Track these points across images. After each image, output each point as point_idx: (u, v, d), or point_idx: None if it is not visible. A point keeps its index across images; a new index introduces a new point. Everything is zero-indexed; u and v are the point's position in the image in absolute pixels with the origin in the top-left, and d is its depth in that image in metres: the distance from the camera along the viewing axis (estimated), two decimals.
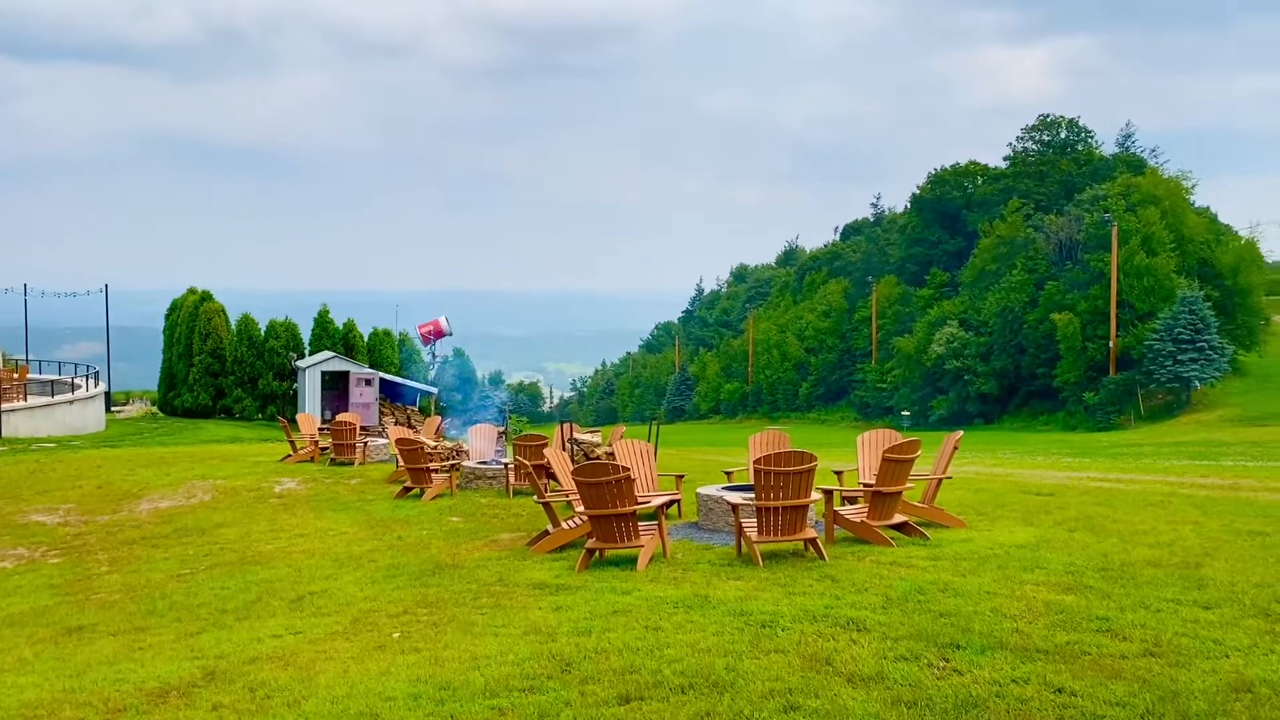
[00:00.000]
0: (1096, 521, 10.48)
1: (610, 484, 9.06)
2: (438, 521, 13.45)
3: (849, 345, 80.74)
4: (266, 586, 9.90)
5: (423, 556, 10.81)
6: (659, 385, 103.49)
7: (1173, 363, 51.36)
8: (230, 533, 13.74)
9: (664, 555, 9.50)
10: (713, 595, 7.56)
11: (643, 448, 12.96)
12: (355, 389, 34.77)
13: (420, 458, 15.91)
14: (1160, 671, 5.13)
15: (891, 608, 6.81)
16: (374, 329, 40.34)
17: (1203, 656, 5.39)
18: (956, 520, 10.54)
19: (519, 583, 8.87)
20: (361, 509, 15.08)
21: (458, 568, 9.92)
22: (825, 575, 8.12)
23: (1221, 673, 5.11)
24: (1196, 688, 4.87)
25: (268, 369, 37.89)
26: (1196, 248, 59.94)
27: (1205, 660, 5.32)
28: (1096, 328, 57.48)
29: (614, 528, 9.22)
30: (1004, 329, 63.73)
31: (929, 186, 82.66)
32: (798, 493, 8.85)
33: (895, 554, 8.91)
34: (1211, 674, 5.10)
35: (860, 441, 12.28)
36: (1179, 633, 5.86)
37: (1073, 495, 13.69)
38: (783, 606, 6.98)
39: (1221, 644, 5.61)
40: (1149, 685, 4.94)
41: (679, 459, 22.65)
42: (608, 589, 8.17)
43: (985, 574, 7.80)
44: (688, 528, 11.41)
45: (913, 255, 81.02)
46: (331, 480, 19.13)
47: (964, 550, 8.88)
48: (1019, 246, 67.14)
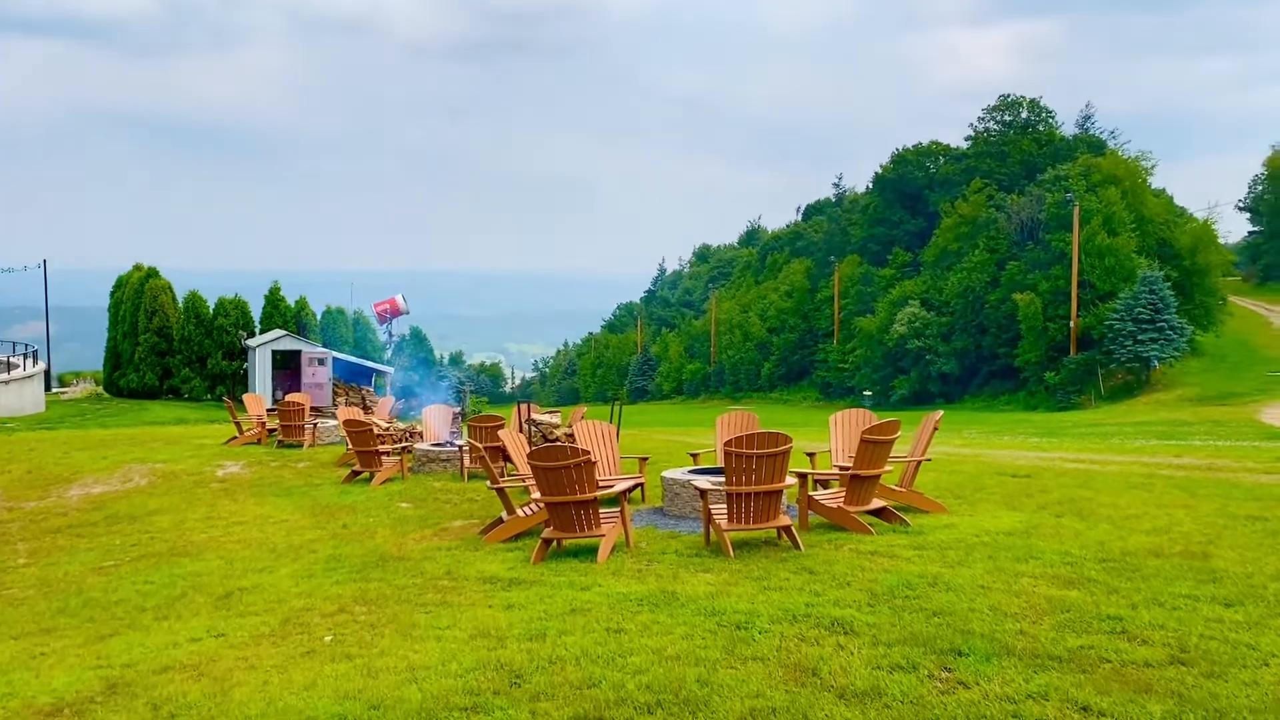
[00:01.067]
0: (1082, 505, 9.93)
1: (569, 468, 8.34)
2: (386, 508, 12.66)
3: (811, 325, 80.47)
4: (193, 581, 9.08)
5: (366, 547, 10.03)
6: (621, 366, 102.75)
7: (1133, 342, 51.50)
8: (163, 520, 12.85)
9: (627, 545, 8.80)
10: (681, 591, 6.87)
11: (604, 429, 12.25)
12: (308, 369, 33.66)
13: (369, 440, 15.09)
14: (1195, 684, 4.52)
15: (879, 605, 6.17)
16: (327, 307, 39.17)
17: (1238, 665, 4.78)
18: (937, 505, 9.94)
19: (468, 576, 8.14)
20: (306, 494, 14.24)
21: (403, 559, 9.16)
22: (802, 567, 7.46)
23: (1265, 684, 4.51)
24: (1242, 704, 4.27)
25: (217, 348, 36.62)
26: (1156, 228, 60.16)
27: (1242, 669, 4.72)
28: (1058, 307, 57.55)
29: (573, 516, 8.50)
30: (965, 309, 63.70)
31: (891, 166, 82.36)
32: (771, 477, 8.18)
33: (876, 542, 8.28)
34: (1254, 686, 4.50)
35: (833, 422, 11.66)
36: (1204, 635, 5.26)
37: (1051, 477, 13.19)
38: (759, 604, 6.31)
39: (1256, 649, 5.01)
40: (1187, 702, 4.31)
41: (642, 440, 21.96)
42: (565, 584, 7.46)
43: (976, 565, 7.19)
44: (652, 514, 10.73)
45: (875, 235, 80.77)
46: (278, 464, 18.24)
47: (949, 538, 8.27)
48: (981, 226, 67.07)
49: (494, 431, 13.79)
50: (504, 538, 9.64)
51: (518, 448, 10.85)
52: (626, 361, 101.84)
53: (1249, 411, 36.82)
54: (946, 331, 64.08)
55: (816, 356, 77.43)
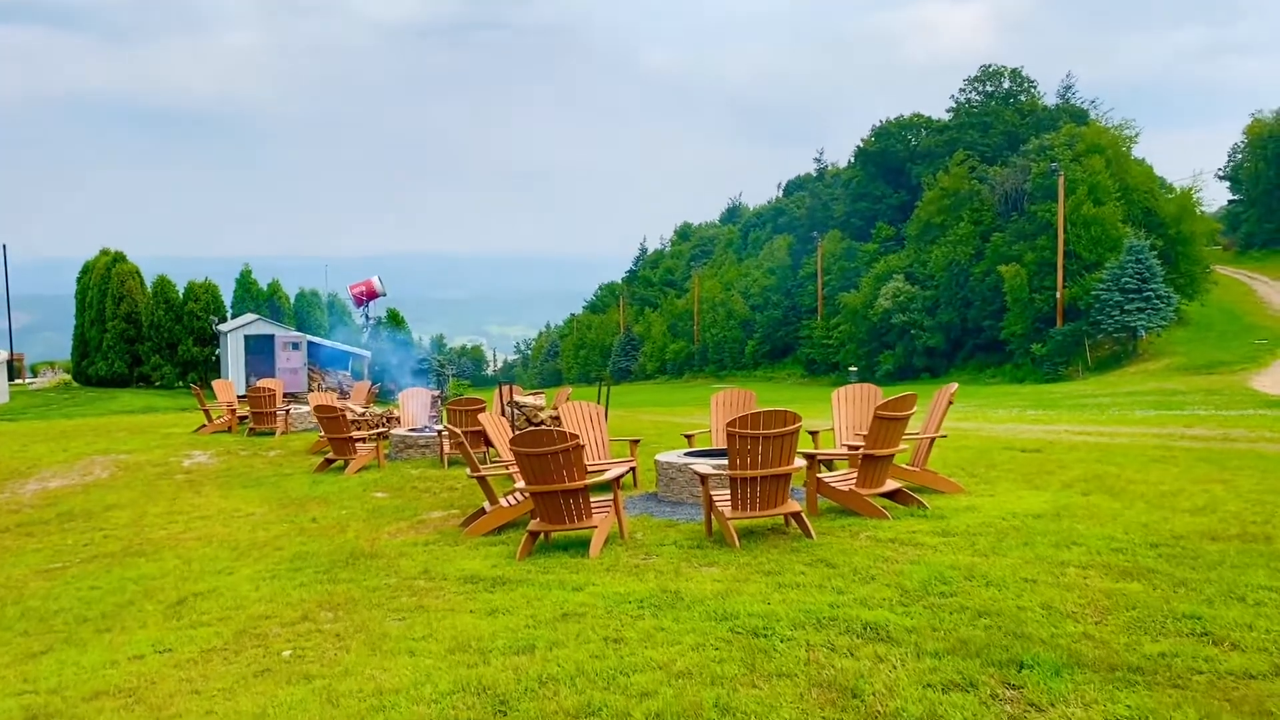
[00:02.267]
0: (1109, 482, 9.23)
1: (556, 454, 7.54)
2: (360, 499, 11.84)
3: (794, 302, 79.76)
4: (145, 585, 8.25)
5: (337, 542, 9.22)
6: (604, 346, 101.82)
7: (1120, 312, 51.06)
8: (121, 516, 11.99)
9: (621, 536, 8.03)
10: (685, 590, 6.10)
11: (592, 410, 11.46)
12: (282, 353, 32.70)
13: (342, 426, 14.24)
14: None
15: (912, 605, 5.42)
16: (301, 290, 38.04)
17: None
18: (953, 485, 9.22)
19: (448, 575, 7.35)
20: (276, 485, 13.40)
21: (376, 557, 8.36)
22: (817, 559, 6.71)
23: None
24: None
25: (187, 334, 35.50)
26: (1141, 197, 59.68)
27: None
28: (1043, 279, 57.03)
29: (561, 506, 7.72)
30: (950, 282, 63.13)
31: (873, 139, 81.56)
32: (779, 459, 7.42)
33: (894, 528, 7.54)
34: None
35: (836, 399, 10.90)
36: None
37: (1062, 451, 12.51)
38: (776, 605, 5.55)
39: None
40: None
41: (629, 421, 21.21)
42: (555, 583, 6.68)
43: (1012, 554, 6.45)
44: (646, 500, 9.96)
45: (857, 210, 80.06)
46: (248, 452, 17.38)
47: (974, 522, 7.54)
48: (964, 199, 66.41)
49: (474, 415, 12.98)
50: (486, 530, 8.85)
51: (499, 432, 10.05)
52: (609, 342, 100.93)
53: (1239, 379, 36.42)
54: (931, 305, 63.52)
55: (800, 333, 76.73)
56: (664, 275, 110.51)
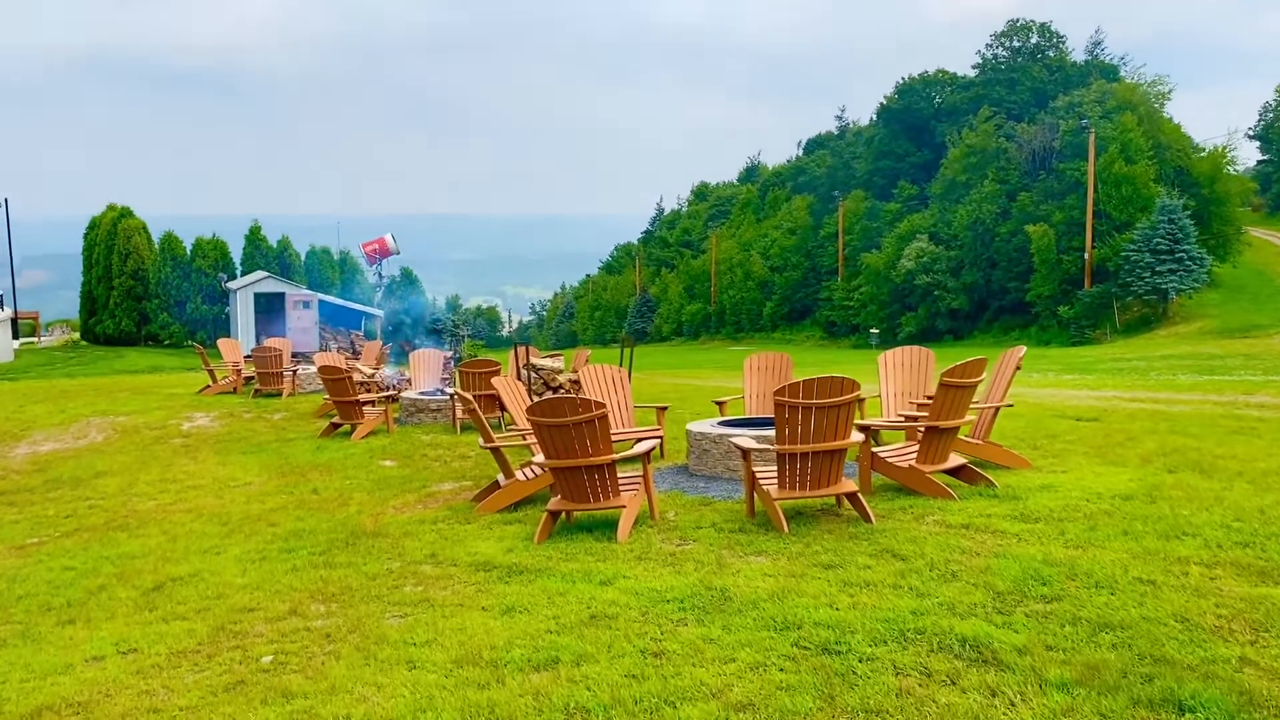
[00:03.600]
0: (1192, 457, 8.27)
1: (580, 426, 6.64)
2: (365, 467, 11.01)
3: (814, 263, 78.34)
4: (122, 566, 7.43)
5: (337, 518, 8.39)
6: (619, 308, 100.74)
7: (1151, 274, 49.70)
8: (111, 484, 11.20)
9: (651, 517, 7.15)
10: (733, 587, 5.22)
11: (614, 374, 10.55)
12: (292, 312, 31.92)
13: (348, 389, 13.39)
14: None
15: (1011, 611, 4.51)
16: (311, 247, 37.15)
17: None
18: (1020, 459, 8.28)
19: (457, 561, 6.49)
20: (277, 451, 12.58)
21: (379, 536, 7.52)
22: (882, 549, 5.81)
23: None
24: None
25: (195, 291, 34.74)
26: (1173, 155, 58.00)
27: None
28: (1071, 239, 55.59)
29: (585, 483, 6.83)
30: (975, 242, 61.72)
31: (896, 96, 79.68)
32: (835, 432, 6.50)
33: (964, 511, 6.62)
34: None
35: (883, 363, 9.95)
36: None
37: (1122, 420, 11.55)
38: (845, 610, 4.66)
39: None
40: None
41: (648, 385, 20.31)
42: (579, 574, 5.81)
43: (1113, 545, 5.53)
44: (675, 472, 9.07)
45: (880, 168, 78.39)
46: (252, 415, 16.59)
47: (1055, 505, 6.61)
48: (990, 157, 64.79)
49: (488, 378, 12.08)
50: (501, 507, 7.99)
51: (515, 398, 9.16)
52: (625, 303, 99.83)
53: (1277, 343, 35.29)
54: (955, 266, 62.15)
55: (820, 295, 75.49)
56: (681, 236, 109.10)
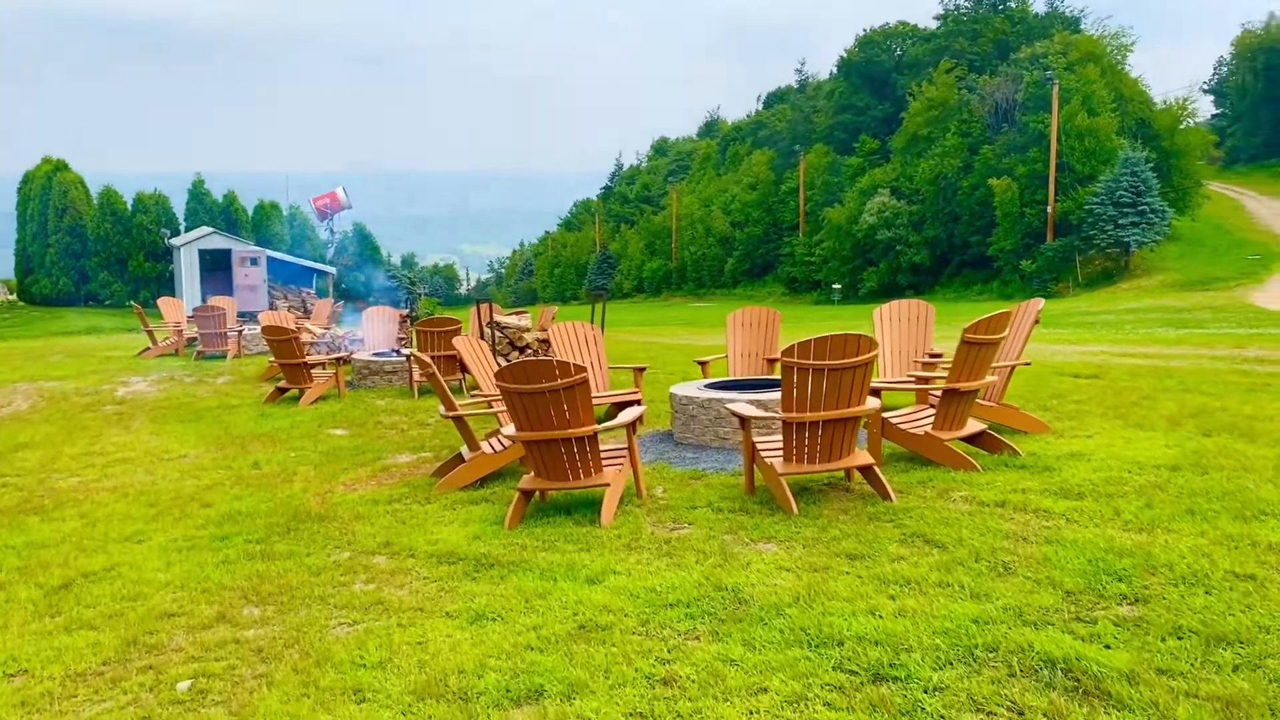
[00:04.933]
0: (1221, 418, 7.58)
1: (557, 392, 5.76)
2: (313, 437, 10.05)
3: (776, 218, 77.52)
4: (29, 558, 6.45)
5: (279, 497, 7.45)
6: (579, 265, 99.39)
7: (1114, 227, 49.52)
8: (30, 459, 10.13)
9: (639, 495, 6.31)
10: (747, 586, 4.40)
11: (587, 332, 9.65)
12: (239, 269, 30.56)
13: (294, 350, 12.37)
14: None
15: (1094, 618, 3.73)
16: (260, 202, 35.55)
17: None
18: (1038, 423, 7.54)
19: (416, 551, 5.61)
20: (218, 419, 11.56)
21: (326, 519, 6.61)
22: (912, 533, 5.02)
23: None
24: None
25: (138, 248, 33.12)
26: (1136, 108, 57.71)
27: None
28: (1034, 193, 55.22)
29: (564, 458, 5.96)
30: (937, 196, 61.21)
31: (857, 49, 78.65)
32: (849, 398, 5.67)
33: (994, 485, 5.85)
34: None
35: (880, 319, 9.14)
36: None
37: (1125, 376, 10.90)
38: (890, 619, 3.85)
39: None
40: None
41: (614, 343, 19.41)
42: (561, 568, 4.95)
43: (1181, 528, 4.78)
44: (658, 441, 8.23)
45: (841, 122, 77.47)
46: (194, 379, 15.50)
47: (1095, 477, 5.86)
48: (952, 110, 64.10)
49: (447, 338, 11.12)
50: (465, 483, 7.10)
51: (479, 360, 8.24)
52: (585, 260, 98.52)
53: (1238, 296, 35.26)
54: (917, 221, 61.66)
55: (782, 250, 74.77)
56: (640, 192, 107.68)
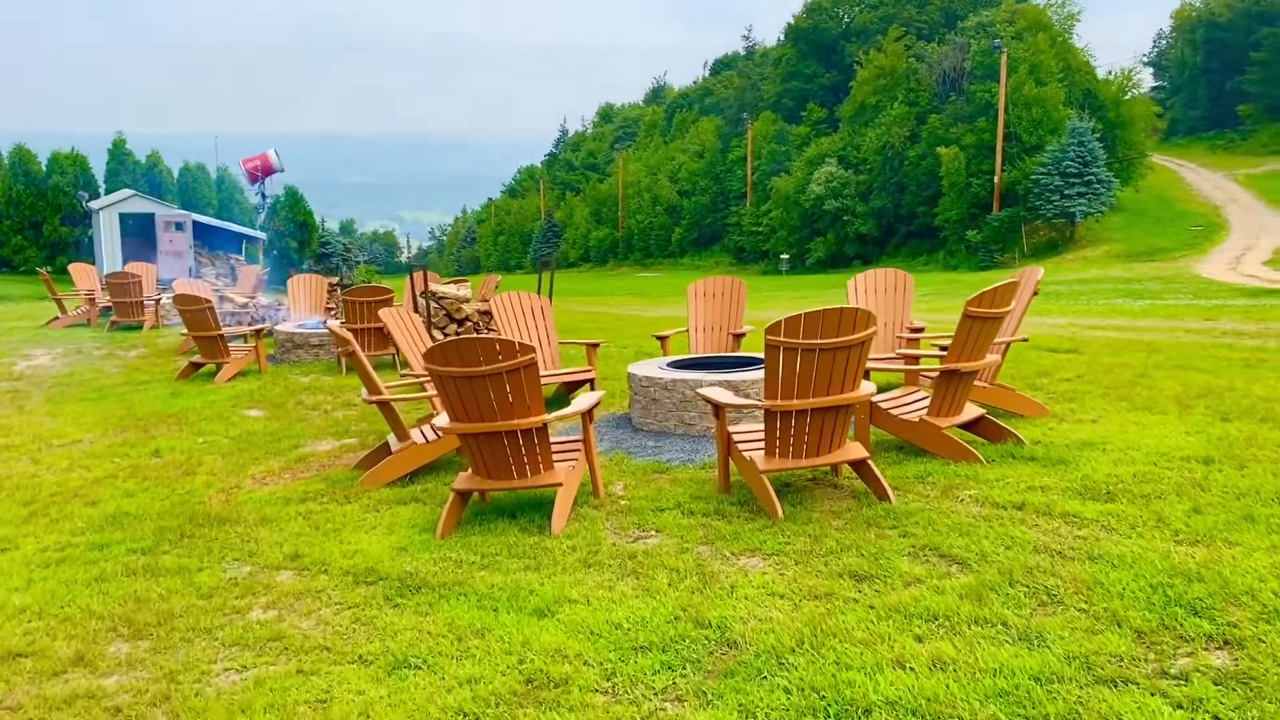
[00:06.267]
0: (1233, 400, 6.91)
1: (499, 376, 4.84)
2: (226, 418, 9.00)
3: (723, 187, 76.74)
4: None
5: (178, 494, 6.44)
6: (524, 233, 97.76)
7: (1060, 197, 49.53)
8: None
9: (595, 495, 5.43)
10: (735, 622, 3.55)
11: (533, 304, 8.71)
12: (164, 235, 28.90)
13: (209, 321, 11.24)
14: None
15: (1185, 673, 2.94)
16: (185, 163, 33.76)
17: None
18: (1037, 405, 6.80)
19: (329, 566, 4.69)
20: (122, 398, 10.42)
21: (228, 522, 5.63)
22: (923, 545, 4.21)
23: None
24: None
25: (53, 211, 31.24)
26: (1082, 78, 57.75)
27: None
28: (981, 163, 55.09)
29: (507, 454, 5.05)
30: (884, 166, 60.89)
31: (805, 16, 77.82)
32: (842, 382, 4.83)
33: (1007, 482, 5.07)
34: None
35: (855, 289, 8.34)
36: None
37: (1104, 351, 10.28)
38: (926, 673, 3.03)
39: None
40: None
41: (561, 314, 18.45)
42: (504, 593, 4.06)
43: (1246, 540, 4.03)
44: (614, 426, 7.36)
45: (788, 90, 76.73)
46: (104, 352, 14.28)
47: (1120, 473, 5.11)
48: (900, 78, 63.71)
49: (377, 309, 10.08)
50: (391, 478, 6.16)
51: (410, 335, 7.26)
52: (530, 228, 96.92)
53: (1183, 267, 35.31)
54: (864, 191, 61.33)
55: (729, 220, 74.07)
56: (586, 159, 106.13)
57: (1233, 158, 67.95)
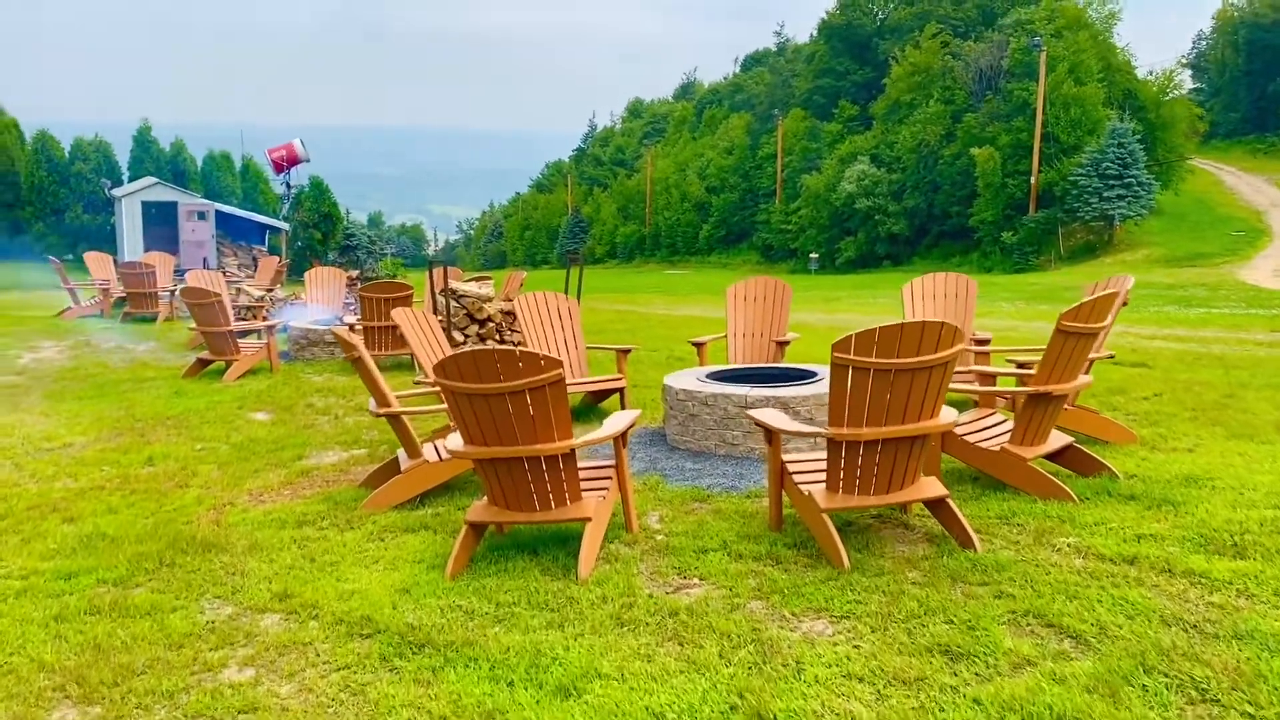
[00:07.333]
0: None
1: (520, 395, 4.17)
2: (229, 422, 8.39)
3: (752, 184, 75.82)
4: None
5: (164, 511, 5.82)
6: (551, 228, 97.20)
7: (1099, 199, 48.40)
8: None
9: (629, 528, 4.75)
10: (803, 714, 2.86)
11: (560, 304, 8.04)
12: (186, 224, 28.52)
13: (218, 316, 10.65)
14: None
15: None
16: (209, 151, 33.32)
17: None
18: (1124, 431, 6.07)
19: (320, 610, 4.04)
20: (124, 397, 9.85)
21: (214, 549, 5.00)
22: (1025, 611, 3.51)
23: None
24: None
25: (76, 199, 30.91)
26: (1123, 78, 56.46)
27: None
28: (1018, 163, 53.94)
29: (528, 483, 4.38)
30: (918, 165, 59.83)
31: (838, 12, 76.79)
32: (921, 409, 4.13)
33: (1109, 527, 4.35)
34: None
35: (910, 295, 7.61)
36: None
37: (1176, 365, 9.50)
38: None
39: None
40: None
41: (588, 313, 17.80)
42: (521, 660, 3.40)
43: None
44: (647, 443, 6.67)
45: (820, 87, 75.69)
46: (113, 345, 13.79)
47: (1243, 518, 4.38)
48: (935, 76, 62.60)
49: (392, 305, 9.42)
50: (399, 500, 5.51)
51: (425, 338, 6.61)
52: (556, 224, 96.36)
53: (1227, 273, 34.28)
54: (897, 190, 60.27)
55: (758, 218, 73.16)
56: (614, 154, 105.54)
57: (1274, 162, 66.44)
